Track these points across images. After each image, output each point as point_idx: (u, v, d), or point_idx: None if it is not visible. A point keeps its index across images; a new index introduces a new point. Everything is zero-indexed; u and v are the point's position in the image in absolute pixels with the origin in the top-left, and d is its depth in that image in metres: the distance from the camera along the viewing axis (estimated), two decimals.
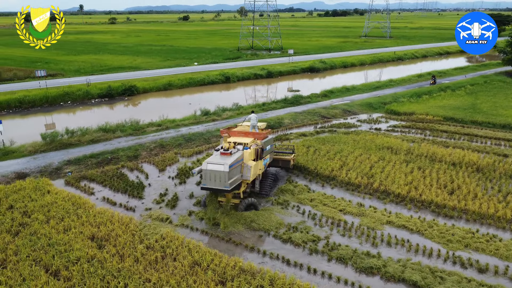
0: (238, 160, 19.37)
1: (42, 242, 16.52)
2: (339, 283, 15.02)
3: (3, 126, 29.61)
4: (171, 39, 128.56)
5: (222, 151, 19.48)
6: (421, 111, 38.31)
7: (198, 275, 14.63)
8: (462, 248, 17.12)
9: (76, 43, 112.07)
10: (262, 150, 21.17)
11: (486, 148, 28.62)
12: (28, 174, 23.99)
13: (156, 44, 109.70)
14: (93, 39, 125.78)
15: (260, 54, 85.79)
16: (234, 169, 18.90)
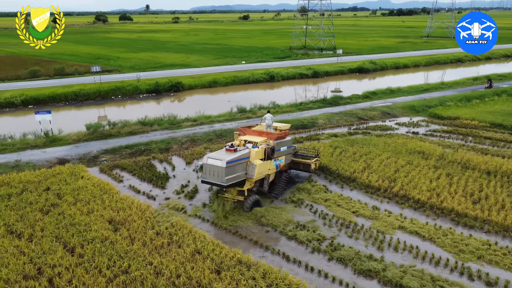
0: (241, 158, 19.64)
1: (66, 222, 18.16)
2: (334, 283, 15.05)
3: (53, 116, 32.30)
4: (227, 38, 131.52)
5: (228, 147, 20.03)
6: (467, 116, 36.29)
7: (196, 263, 15.36)
8: (474, 259, 16.33)
9: (139, 41, 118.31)
10: (273, 150, 21.12)
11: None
12: (69, 160, 26.22)
13: (211, 42, 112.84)
14: (154, 37, 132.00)
15: (311, 53, 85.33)
16: (234, 166, 19.16)
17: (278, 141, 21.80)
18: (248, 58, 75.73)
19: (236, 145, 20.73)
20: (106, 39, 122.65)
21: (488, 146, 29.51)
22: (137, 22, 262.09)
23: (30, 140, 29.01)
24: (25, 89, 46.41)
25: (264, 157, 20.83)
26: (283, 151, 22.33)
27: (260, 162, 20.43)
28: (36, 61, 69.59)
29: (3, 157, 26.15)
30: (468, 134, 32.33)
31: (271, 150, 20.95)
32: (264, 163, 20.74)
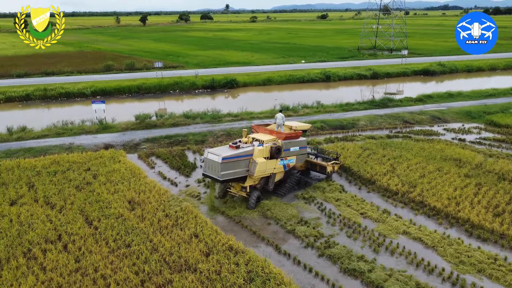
0: (243, 155, 20.24)
1: (93, 198, 20.49)
2: (315, 278, 15.36)
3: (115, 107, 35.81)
4: (298, 37, 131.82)
5: (231, 143, 20.88)
6: None
7: (191, 244, 16.60)
8: (473, 272, 15.55)
9: (212, 39, 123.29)
10: (279, 150, 21.29)
11: None
12: (113, 146, 29.05)
13: (280, 42, 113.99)
14: (227, 36, 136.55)
15: (379, 54, 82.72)
16: (232, 162, 19.82)
17: (287, 141, 21.97)
18: (312, 58, 75.65)
19: (243, 142, 21.44)
20: (182, 37, 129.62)
21: None
22: (217, 21, 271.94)
23: (86, 126, 32.56)
24: (96, 81, 51.55)
25: (271, 156, 21.18)
26: (293, 151, 22.42)
27: (263, 160, 20.79)
28: (114, 56, 76.29)
29: (60, 140, 29.76)
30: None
31: (276, 149, 21.19)
32: (268, 162, 21.07)
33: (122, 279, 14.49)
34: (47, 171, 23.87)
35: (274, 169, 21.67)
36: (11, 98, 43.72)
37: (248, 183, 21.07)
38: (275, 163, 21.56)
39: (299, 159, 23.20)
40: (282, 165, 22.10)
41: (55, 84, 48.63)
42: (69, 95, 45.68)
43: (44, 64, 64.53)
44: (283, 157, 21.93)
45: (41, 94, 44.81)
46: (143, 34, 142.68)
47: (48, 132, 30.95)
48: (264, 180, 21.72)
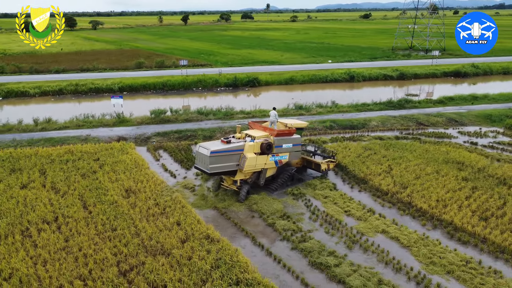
0: (233, 150, 21.08)
1: (94, 185, 22.06)
2: (283, 269, 15.89)
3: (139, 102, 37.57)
4: (335, 37, 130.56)
5: (223, 138, 21.80)
6: None
7: (171, 231, 17.63)
8: (442, 273, 15.50)
9: (247, 38, 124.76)
10: (269, 146, 21.82)
11: None
12: (126, 138, 30.75)
13: (315, 41, 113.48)
14: (264, 35, 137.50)
15: (413, 55, 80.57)
16: (221, 156, 20.72)
17: (279, 137, 22.52)
18: (342, 58, 75.03)
19: (236, 138, 22.31)
20: (219, 36, 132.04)
21: None
22: (257, 20, 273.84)
23: (105, 119, 34.58)
24: (124, 77, 54.07)
25: (262, 152, 21.79)
26: (286, 148, 22.86)
27: (253, 155, 21.46)
28: (149, 54, 79.30)
29: (79, 132, 31.88)
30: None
31: (267, 145, 21.76)
32: (259, 157, 21.71)
33: (101, 258, 15.72)
34: (60, 159, 25.82)
35: (265, 165, 22.32)
36: (45, 92, 46.95)
37: (238, 177, 21.90)
38: (266, 159, 22.18)
39: (292, 155, 23.59)
40: (274, 161, 22.63)
41: (86, 80, 51.62)
42: (98, 91, 48.38)
43: (84, 61, 68.22)
44: (275, 153, 22.49)
45: (73, 89, 47.79)
46: (182, 33, 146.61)
47: (70, 124, 33.22)
48: (256, 175, 22.43)
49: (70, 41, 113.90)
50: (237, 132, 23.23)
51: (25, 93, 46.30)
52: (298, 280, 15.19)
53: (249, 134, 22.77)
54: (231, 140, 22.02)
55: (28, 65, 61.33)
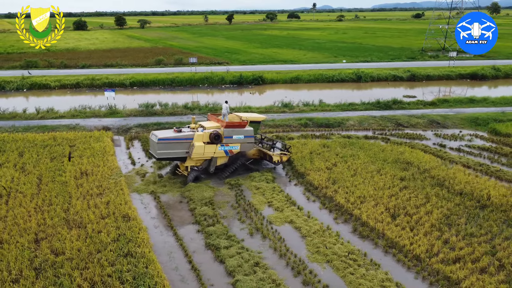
0: (181, 138, 23.00)
1: (56, 167, 24.74)
2: (179, 248, 17.41)
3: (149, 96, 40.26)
4: (374, 37, 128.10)
5: (176, 128, 23.55)
6: None
7: (98, 208, 19.75)
8: (322, 261, 16.31)
9: (280, 38, 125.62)
10: (217, 136, 23.51)
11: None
12: (110, 128, 33.49)
13: (348, 41, 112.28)
14: (300, 35, 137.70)
15: (442, 56, 77.79)
16: (170, 144, 22.80)
17: (229, 129, 24.03)
18: (363, 58, 74.19)
19: (191, 128, 24.22)
20: (254, 36, 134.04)
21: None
22: (304, 20, 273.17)
23: (97, 111, 37.67)
24: (138, 73, 57.54)
25: (211, 141, 23.58)
26: (237, 139, 24.32)
27: (201, 144, 23.30)
28: (179, 52, 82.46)
29: (72, 121, 35.13)
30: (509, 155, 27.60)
31: (215, 136, 23.47)
32: (207, 146, 23.49)
33: (27, 227, 18.12)
34: (42, 144, 28.93)
35: (215, 154, 24.06)
36: (64, 85, 51.38)
37: (188, 164, 23.94)
38: (215, 148, 23.90)
39: (244, 146, 24.94)
40: (223, 151, 24.25)
41: (102, 75, 55.62)
42: (111, 85, 51.99)
43: (112, 58, 72.92)
44: (225, 144, 24.11)
45: (88, 83, 51.83)
46: (220, 32, 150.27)
47: (66, 114, 36.62)
48: (207, 162, 24.31)
49: (112, 39, 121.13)
50: (192, 123, 25.13)
51: (47, 85, 50.97)
52: (185, 258, 16.71)
53: (202, 125, 24.58)
54: (182, 129, 24.05)
55: (58, 61, 66.86)
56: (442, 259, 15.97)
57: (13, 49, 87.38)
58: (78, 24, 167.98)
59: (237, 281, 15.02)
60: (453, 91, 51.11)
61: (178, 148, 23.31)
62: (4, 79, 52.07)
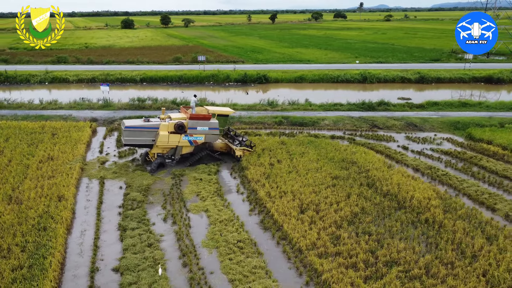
0: (148, 127, 25.20)
1: (27, 152, 27.50)
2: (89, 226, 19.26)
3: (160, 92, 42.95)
4: (412, 37, 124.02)
5: (144, 118, 26.23)
6: (506, 142, 29.15)
7: (42, 189, 21.94)
8: (211, 247, 17.45)
9: (315, 37, 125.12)
10: (180, 127, 25.32)
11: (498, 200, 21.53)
12: (97, 119, 36.24)
13: (381, 42, 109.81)
14: (335, 35, 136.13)
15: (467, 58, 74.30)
16: (136, 131, 25.04)
17: (193, 120, 25.69)
18: (384, 59, 72.73)
19: (161, 119, 26.21)
20: (289, 35, 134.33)
21: (469, 178, 24.52)
22: (350, 19, 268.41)
23: (93, 103, 40.66)
24: (150, 70, 60.58)
25: (175, 131, 25.50)
26: (201, 131, 25.91)
27: (165, 133, 25.35)
28: (207, 50, 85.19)
29: (66, 112, 38.31)
30: (472, 161, 26.75)
31: (178, 126, 25.35)
32: (171, 135, 25.48)
33: None
34: (29, 132, 32.09)
35: (179, 143, 25.98)
36: (81, 79, 55.46)
37: (154, 151, 26.17)
38: (179, 138, 25.80)
39: (208, 138, 26.48)
40: (188, 140, 26.05)
41: (115, 71, 59.27)
42: (123, 80, 55.46)
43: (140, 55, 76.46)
44: (189, 134, 25.88)
45: (103, 78, 55.50)
46: (259, 32, 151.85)
47: (65, 106, 39.94)
48: (172, 150, 26.38)
49: (151, 37, 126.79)
50: (162, 113, 27.18)
51: (66, 79, 55.31)
52: (94, 236, 18.48)
53: (171, 116, 26.54)
54: (150, 119, 26.25)
55: (85, 57, 71.80)
56: (320, 252, 16.52)
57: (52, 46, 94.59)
58: (125, 23, 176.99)
59: (123, 257, 16.59)
60: (460, 94, 49.13)
61: (144, 136, 25.47)
62: (30, 73, 57.15)
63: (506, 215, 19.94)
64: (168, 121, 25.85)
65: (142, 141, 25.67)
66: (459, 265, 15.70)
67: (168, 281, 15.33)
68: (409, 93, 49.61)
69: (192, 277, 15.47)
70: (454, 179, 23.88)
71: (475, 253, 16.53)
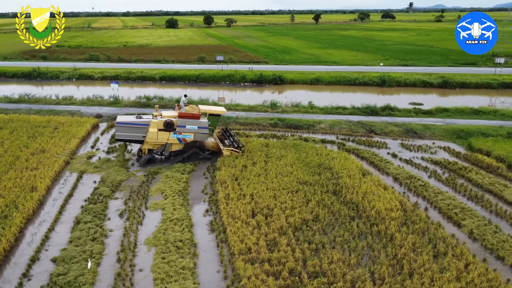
0: (138, 123, 26.12)
1: (25, 144, 29.28)
2: (51, 218, 20.23)
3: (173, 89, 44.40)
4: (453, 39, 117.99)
5: (137, 115, 27.23)
6: (503, 154, 27.15)
7: (21, 179, 23.39)
8: (152, 245, 17.80)
9: (354, 38, 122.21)
10: (168, 124, 26.02)
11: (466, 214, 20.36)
12: (102, 115, 37.80)
13: (419, 44, 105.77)
14: (376, 36, 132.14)
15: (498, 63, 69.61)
16: (127, 127, 26.04)
17: (182, 119, 26.23)
18: (418, 61, 69.86)
19: (154, 116, 26.98)
20: (326, 36, 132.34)
21: (448, 190, 23.22)
22: (398, 20, 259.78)
23: (103, 100, 42.44)
24: (170, 69, 62.07)
25: (165, 129, 26.21)
26: (190, 129, 26.42)
27: (154, 130, 26.18)
28: (237, 50, 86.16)
29: (76, 108, 40.29)
30: (460, 172, 25.23)
31: (166, 124, 26.08)
32: (160, 132, 26.24)
33: None
34: (35, 125, 34.07)
35: (168, 140, 26.64)
36: (105, 77, 57.98)
37: (145, 147, 27.08)
38: (168, 135, 26.46)
39: (198, 136, 26.83)
40: (176, 138, 26.62)
41: (137, 69, 61.33)
42: (144, 78, 57.37)
43: (172, 54, 78.59)
44: (177, 132, 26.43)
45: (126, 75, 57.76)
46: (297, 32, 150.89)
47: (77, 102, 42.04)
48: (162, 147, 27.14)
49: (190, 36, 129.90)
50: (155, 111, 28.07)
51: (91, 76, 58.13)
52: (50, 226, 19.44)
53: (163, 114, 27.29)
54: (142, 116, 27.19)
55: (116, 55, 74.91)
56: (251, 258, 16.35)
57: (94, 44, 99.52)
58: (169, 22, 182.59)
59: (64, 249, 17.34)
60: (482, 100, 46.10)
61: (135, 132, 26.41)
62: (60, 70, 60.65)
63: (470, 232, 18.65)
64: (159, 118, 26.49)
65: (133, 137, 26.57)
66: (390, 281, 14.95)
67: (96, 274, 15.86)
68: (425, 98, 47.35)
69: (119, 273, 15.88)
70: (430, 190, 22.63)
71: (414, 270, 15.65)
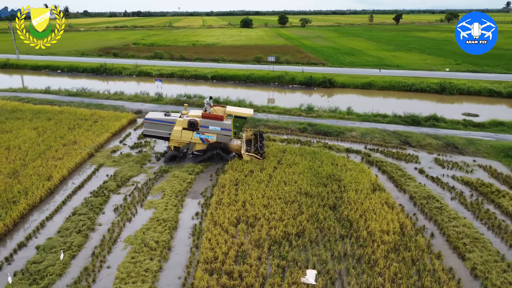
0: (165, 121, 27.12)
1: (61, 135, 31.49)
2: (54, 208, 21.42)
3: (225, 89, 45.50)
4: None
5: (165, 112, 28.33)
6: None
7: (44, 167, 25.17)
8: (129, 243, 18.06)
9: (432, 41, 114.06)
10: (192, 124, 26.53)
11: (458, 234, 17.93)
12: (141, 111, 39.39)
13: (505, 48, 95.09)
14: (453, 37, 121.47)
15: None
16: (155, 124, 27.18)
17: (205, 119, 26.60)
18: (490, 68, 63.24)
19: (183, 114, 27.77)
20: (403, 37, 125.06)
21: (471, 220, 20.59)
22: None
23: (146, 97, 44.23)
24: (223, 68, 62.82)
25: (188, 128, 26.85)
26: (213, 130, 26.65)
27: (178, 129, 26.93)
28: (299, 51, 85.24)
29: (120, 103, 42.44)
30: (489, 197, 22.21)
31: (189, 123, 26.70)
32: (184, 131, 26.93)
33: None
34: (77, 117, 36.42)
35: (191, 139, 27.18)
36: (161, 74, 60.51)
37: (170, 144, 27.92)
38: (191, 134, 27.05)
39: (220, 138, 26.91)
40: (199, 138, 27.07)
41: (191, 67, 63.03)
42: (196, 77, 58.91)
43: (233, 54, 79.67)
44: (200, 132, 26.88)
45: (180, 74, 59.80)
46: (371, 33, 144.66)
47: (124, 97, 44.33)
48: (187, 145, 27.80)
49: (259, 36, 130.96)
50: (184, 109, 28.77)
51: (149, 73, 61.07)
52: (48, 215, 20.61)
53: (190, 113, 27.95)
54: (170, 114, 28.20)
55: (178, 54, 77.79)
56: (214, 268, 15.81)
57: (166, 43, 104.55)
58: (244, 22, 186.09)
59: (49, 238, 18.29)
60: None
61: (161, 129, 27.42)
62: (123, 66, 64.62)
63: (472, 268, 16.21)
64: (184, 117, 27.02)
65: (159, 133, 27.51)
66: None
67: (67, 266, 16.46)
68: (484, 108, 42.48)
69: (87, 267, 16.28)
70: (445, 214, 20.13)
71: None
